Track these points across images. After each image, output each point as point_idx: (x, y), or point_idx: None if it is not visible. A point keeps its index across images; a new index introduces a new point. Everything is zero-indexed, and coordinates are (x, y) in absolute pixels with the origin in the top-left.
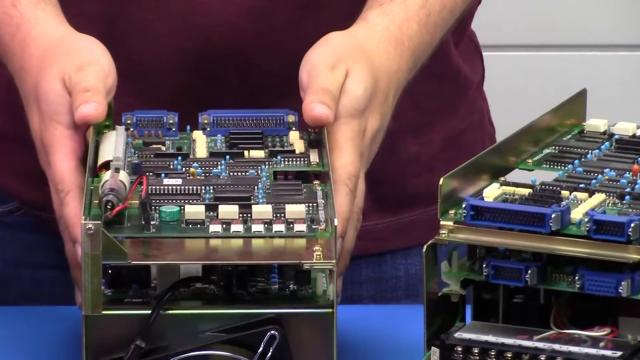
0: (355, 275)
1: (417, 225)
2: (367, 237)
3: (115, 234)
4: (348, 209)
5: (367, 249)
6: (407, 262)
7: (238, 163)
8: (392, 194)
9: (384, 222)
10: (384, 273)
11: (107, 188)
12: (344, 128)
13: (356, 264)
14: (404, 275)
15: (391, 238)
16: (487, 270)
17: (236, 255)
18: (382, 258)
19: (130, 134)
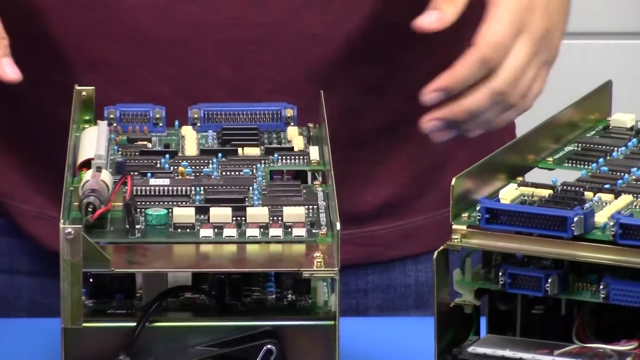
0: (362, 283)
1: (428, 230)
2: (375, 243)
3: (97, 239)
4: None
5: (375, 255)
6: (417, 269)
7: (231, 161)
8: (401, 195)
9: (393, 227)
10: (392, 281)
11: (88, 189)
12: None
13: (362, 270)
14: (414, 283)
15: (400, 244)
16: (504, 279)
17: (229, 263)
18: (390, 265)
19: (114, 129)
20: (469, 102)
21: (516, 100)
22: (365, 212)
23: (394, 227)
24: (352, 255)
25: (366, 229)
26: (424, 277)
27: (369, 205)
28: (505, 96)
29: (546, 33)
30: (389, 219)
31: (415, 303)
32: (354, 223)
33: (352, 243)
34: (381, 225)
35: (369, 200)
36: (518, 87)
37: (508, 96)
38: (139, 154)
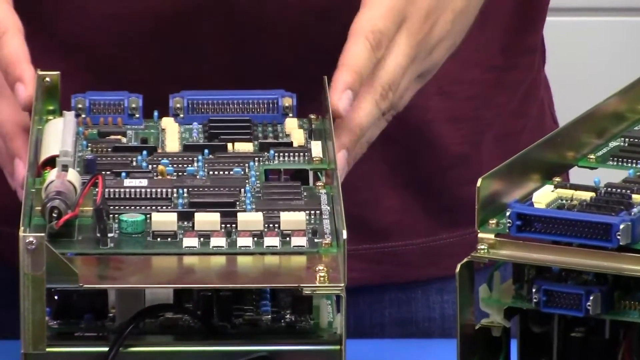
0: (376, 316)
1: (457, 251)
2: (392, 261)
3: (63, 249)
4: (364, 63)
5: (392, 277)
6: (443, 300)
7: (219, 159)
8: (427, 205)
9: (414, 244)
10: (413, 314)
11: (52, 191)
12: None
13: (377, 300)
14: (439, 317)
15: (422, 264)
16: (538, 296)
17: (217, 277)
18: (411, 293)
19: (82, 121)
20: (359, 114)
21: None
22: (382, 222)
23: (417, 244)
24: (364, 275)
25: (384, 244)
26: (452, 310)
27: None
28: (387, 101)
29: (428, 38)
30: (411, 233)
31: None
32: (367, 236)
33: (365, 260)
34: (401, 241)
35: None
36: (396, 93)
37: (389, 102)
38: (112, 150)
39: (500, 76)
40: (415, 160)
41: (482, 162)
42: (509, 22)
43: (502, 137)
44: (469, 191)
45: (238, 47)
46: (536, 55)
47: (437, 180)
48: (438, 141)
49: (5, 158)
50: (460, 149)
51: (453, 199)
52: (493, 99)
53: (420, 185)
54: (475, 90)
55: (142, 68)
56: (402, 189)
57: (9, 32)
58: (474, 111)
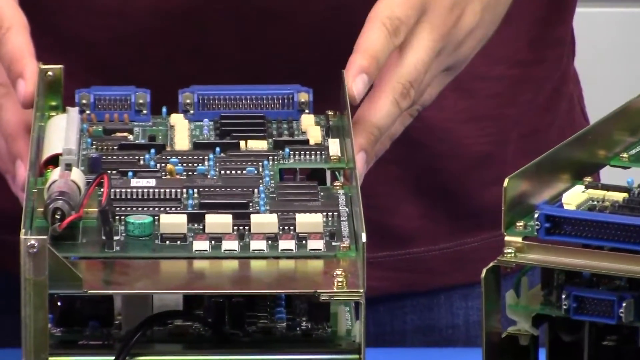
0: (397, 323)
1: (483, 256)
2: (413, 268)
3: (67, 253)
4: (380, 47)
5: (414, 285)
6: (468, 307)
7: (232, 158)
8: (450, 209)
9: (437, 250)
10: (436, 321)
11: (55, 191)
12: None
13: (399, 306)
14: (463, 324)
15: (446, 271)
16: (568, 303)
17: (229, 283)
18: (434, 299)
19: (86, 118)
20: (376, 114)
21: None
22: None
23: (440, 249)
24: (384, 283)
25: (405, 251)
26: (477, 317)
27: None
28: (408, 99)
29: (454, 30)
30: (434, 238)
31: (465, 349)
32: (387, 243)
33: (385, 268)
34: (423, 247)
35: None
36: (418, 89)
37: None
38: (118, 149)
39: (527, 71)
40: (436, 163)
41: (507, 162)
42: (537, 13)
43: (529, 135)
44: (493, 193)
45: (249, 43)
46: (565, 47)
47: (459, 182)
48: (459, 142)
49: (6, 160)
50: (483, 149)
51: (477, 201)
52: (519, 96)
53: (441, 188)
54: (500, 87)
55: (148, 67)
56: (423, 193)
57: (13, 28)
58: (497, 109)
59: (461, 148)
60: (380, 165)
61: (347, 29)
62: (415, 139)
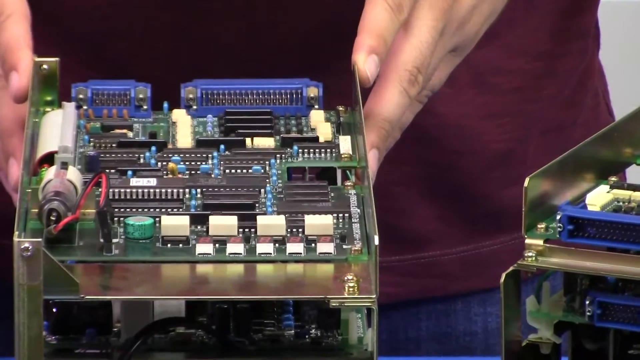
0: (412, 330)
1: (502, 260)
2: (429, 273)
3: (62, 256)
4: (386, 25)
5: (429, 291)
6: (486, 312)
7: (237, 156)
8: (467, 210)
9: (454, 253)
10: (453, 328)
11: (50, 191)
12: None
13: (413, 313)
14: (482, 331)
15: (463, 276)
16: (592, 309)
17: (234, 288)
18: (450, 305)
19: (84, 113)
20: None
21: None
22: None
23: (457, 253)
24: (398, 289)
25: (420, 255)
26: (495, 323)
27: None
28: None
29: (456, 5)
30: (450, 241)
31: (483, 358)
32: (401, 247)
33: (399, 273)
34: (439, 250)
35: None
36: (426, 74)
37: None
38: (117, 146)
39: (550, 64)
40: (453, 161)
41: (527, 160)
42: (560, 3)
43: (551, 132)
44: (512, 193)
45: (257, 34)
46: (589, 39)
47: (477, 182)
48: (478, 139)
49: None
50: (502, 146)
51: (495, 202)
52: (541, 91)
53: (458, 189)
54: (521, 81)
55: (149, 59)
56: (439, 193)
57: (13, 16)
58: (518, 105)
59: (479, 146)
60: (394, 165)
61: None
62: (431, 137)
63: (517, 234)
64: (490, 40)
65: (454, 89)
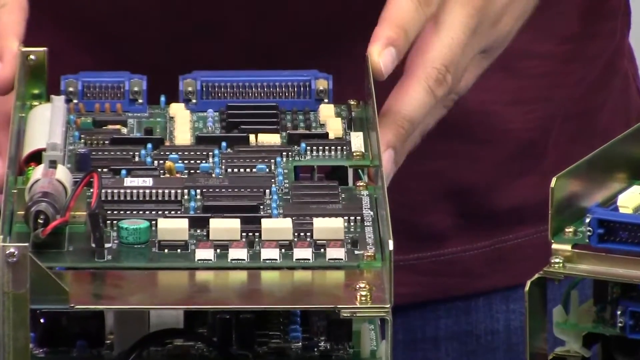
0: (430, 329)
1: (526, 254)
2: (449, 271)
3: (51, 262)
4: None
5: (449, 290)
6: (509, 310)
7: (240, 154)
8: (487, 204)
9: (475, 249)
10: (474, 326)
11: (38, 192)
12: None
13: (431, 310)
14: (504, 330)
15: (486, 273)
16: (624, 320)
17: (237, 297)
18: (471, 303)
19: (74, 108)
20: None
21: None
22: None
23: (478, 249)
24: (417, 289)
25: (439, 252)
26: (519, 321)
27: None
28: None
29: (489, 4)
30: (470, 237)
31: (506, 358)
32: (418, 244)
33: (418, 272)
34: (459, 246)
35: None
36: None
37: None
38: (110, 143)
39: (578, 47)
40: (474, 151)
41: (552, 149)
42: None
43: (577, 117)
44: (536, 184)
45: (260, 20)
46: (618, 20)
47: (497, 172)
48: (502, 127)
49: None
50: (528, 135)
51: (518, 193)
52: (568, 75)
53: (477, 180)
54: (548, 65)
55: (144, 48)
56: (456, 186)
57: (7, 6)
58: (544, 90)
59: (503, 134)
60: (408, 156)
61: (372, 7)
62: (450, 124)
63: (541, 227)
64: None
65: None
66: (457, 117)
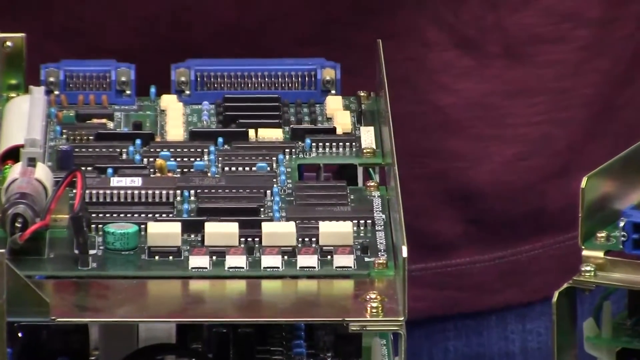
0: (437, 350)
1: (545, 267)
2: (458, 285)
3: (30, 271)
4: None
5: (459, 305)
6: (525, 330)
7: (238, 151)
8: (500, 210)
9: (487, 260)
10: (486, 347)
11: (15, 193)
12: None
13: (439, 330)
14: (520, 352)
15: (500, 287)
16: None
17: (235, 309)
18: (482, 321)
19: (55, 100)
20: None
21: None
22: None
23: (492, 260)
24: (421, 304)
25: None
26: (536, 342)
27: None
28: None
29: None
30: (483, 247)
31: None
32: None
33: (423, 284)
34: (469, 257)
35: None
36: None
37: None
38: (95, 139)
39: (598, 33)
40: (479, 150)
41: (573, 148)
42: None
43: (601, 113)
44: (556, 187)
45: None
46: None
47: (511, 174)
48: (509, 122)
49: None
50: (540, 131)
51: (534, 197)
52: (586, 64)
53: (487, 183)
54: (563, 52)
55: (134, 33)
56: (464, 190)
57: None
58: (559, 80)
59: (511, 130)
60: (411, 157)
61: None
62: (451, 119)
63: (562, 235)
64: (526, 2)
65: (477, 61)
66: (459, 111)
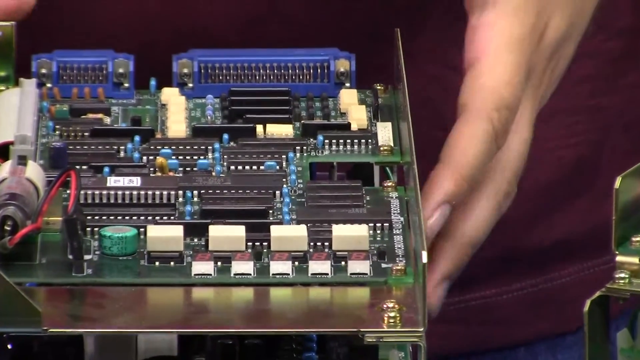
0: None
1: (575, 295)
2: (483, 319)
3: (20, 277)
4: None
5: (484, 340)
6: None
7: (245, 148)
8: (525, 238)
9: (513, 291)
10: None
11: (4, 193)
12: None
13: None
14: None
15: (527, 319)
16: None
17: (241, 319)
18: (511, 353)
19: (47, 93)
20: (470, 226)
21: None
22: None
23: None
24: (443, 342)
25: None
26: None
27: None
28: (509, 198)
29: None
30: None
31: None
32: None
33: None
34: (495, 289)
35: None
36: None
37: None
38: (90, 135)
39: (632, 43)
40: None
41: (603, 168)
42: None
43: (634, 130)
44: (586, 210)
45: None
46: None
47: (540, 198)
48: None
49: None
50: (572, 153)
51: (563, 222)
52: (621, 78)
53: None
54: (596, 66)
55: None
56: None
57: None
58: (592, 98)
59: (541, 153)
60: None
61: None
62: None
63: (592, 262)
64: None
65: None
66: None
